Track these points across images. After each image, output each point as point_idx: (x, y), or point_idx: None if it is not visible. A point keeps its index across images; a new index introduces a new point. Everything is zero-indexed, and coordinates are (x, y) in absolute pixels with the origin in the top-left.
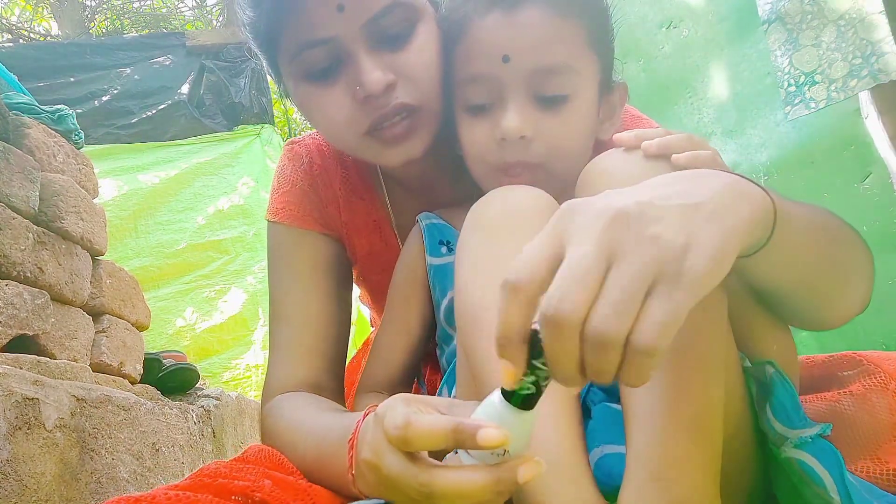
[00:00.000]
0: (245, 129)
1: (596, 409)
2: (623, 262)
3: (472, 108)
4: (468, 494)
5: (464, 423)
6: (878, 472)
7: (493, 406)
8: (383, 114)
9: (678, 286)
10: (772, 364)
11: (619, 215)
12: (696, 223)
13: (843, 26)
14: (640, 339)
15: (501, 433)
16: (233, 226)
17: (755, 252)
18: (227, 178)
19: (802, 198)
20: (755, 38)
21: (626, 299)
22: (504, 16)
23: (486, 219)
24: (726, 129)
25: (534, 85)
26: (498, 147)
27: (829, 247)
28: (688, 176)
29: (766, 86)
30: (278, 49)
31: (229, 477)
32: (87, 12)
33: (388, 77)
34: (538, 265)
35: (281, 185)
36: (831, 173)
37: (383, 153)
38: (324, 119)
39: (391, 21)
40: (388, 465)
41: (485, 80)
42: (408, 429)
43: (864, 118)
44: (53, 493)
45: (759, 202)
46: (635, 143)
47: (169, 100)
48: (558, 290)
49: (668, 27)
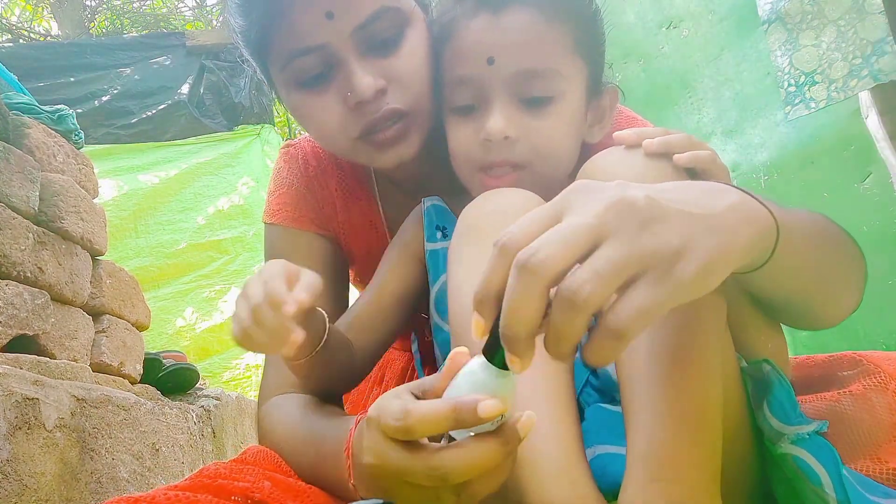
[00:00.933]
0: (245, 129)
1: (589, 410)
2: (616, 241)
3: (459, 109)
4: (480, 464)
5: (461, 400)
6: (878, 471)
7: (474, 375)
8: (374, 119)
9: (663, 283)
10: (768, 362)
11: (626, 201)
12: (696, 232)
13: (843, 26)
14: (614, 319)
15: (500, 401)
16: (233, 226)
17: (753, 271)
18: (227, 178)
19: (802, 198)
20: (755, 38)
21: (608, 272)
22: (490, 19)
23: (476, 221)
24: (726, 129)
25: (518, 87)
26: (482, 148)
27: (826, 257)
28: (702, 187)
29: (766, 86)
30: (269, 57)
31: (229, 478)
32: (87, 12)
33: (379, 83)
34: (531, 228)
35: (277, 186)
36: (831, 173)
37: (376, 156)
38: (316, 125)
39: (380, 27)
40: (394, 461)
41: (470, 82)
42: (408, 417)
43: (864, 118)
44: (53, 493)
45: (763, 225)
46: (636, 140)
47: (169, 100)
48: (539, 242)
49: (668, 27)
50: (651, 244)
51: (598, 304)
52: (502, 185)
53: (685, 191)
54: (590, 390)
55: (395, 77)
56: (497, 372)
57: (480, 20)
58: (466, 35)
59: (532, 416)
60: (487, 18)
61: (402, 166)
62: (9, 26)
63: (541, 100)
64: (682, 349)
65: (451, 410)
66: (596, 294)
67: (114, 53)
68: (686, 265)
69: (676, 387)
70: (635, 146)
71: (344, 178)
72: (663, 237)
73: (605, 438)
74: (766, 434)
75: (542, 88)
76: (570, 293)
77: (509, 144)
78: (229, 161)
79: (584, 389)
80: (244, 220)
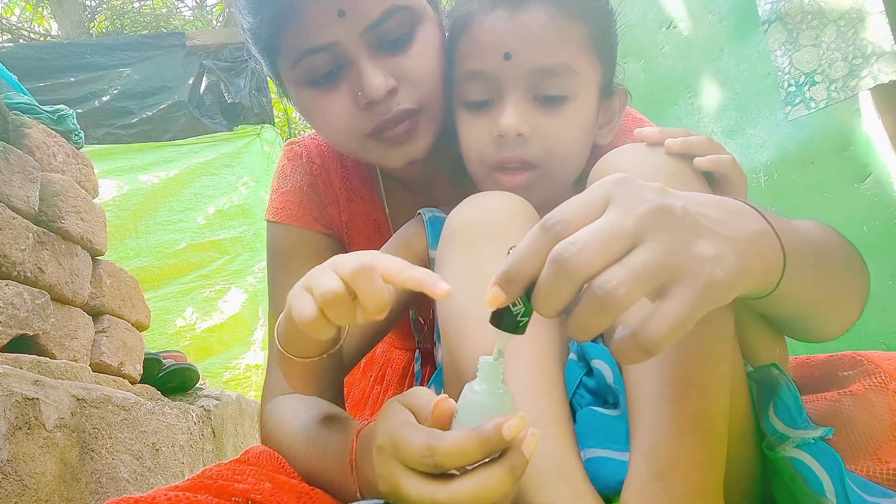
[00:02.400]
0: (245, 129)
1: (581, 413)
2: (653, 244)
3: (471, 104)
4: (495, 492)
5: (484, 429)
6: (879, 471)
7: (478, 402)
8: (385, 119)
9: (693, 295)
10: (776, 366)
11: (666, 209)
12: (724, 252)
13: (843, 26)
14: (648, 334)
15: (521, 417)
16: (233, 226)
17: (758, 298)
18: (227, 178)
19: (802, 198)
20: (755, 38)
21: (643, 274)
22: (508, 13)
23: (462, 226)
24: (726, 129)
25: (533, 84)
26: (495, 144)
27: (831, 278)
28: (732, 207)
29: (766, 86)
30: (279, 55)
31: (230, 479)
32: (87, 12)
33: (390, 82)
34: (575, 215)
35: (281, 185)
36: (831, 173)
37: (386, 155)
38: (326, 124)
39: (391, 26)
40: (412, 493)
41: (485, 77)
42: (435, 454)
43: (864, 118)
44: (53, 493)
45: (774, 259)
46: (659, 139)
47: (169, 100)
48: (582, 237)
49: (668, 27)
50: (685, 254)
51: (628, 306)
52: (515, 182)
53: (718, 208)
54: (583, 392)
55: (406, 76)
56: (496, 391)
57: (498, 15)
58: (483, 29)
59: (536, 434)
60: (505, 13)
61: (411, 165)
62: (9, 26)
63: (555, 98)
64: (690, 353)
65: (479, 443)
66: (629, 296)
67: (114, 53)
68: (714, 279)
69: (682, 387)
70: (656, 144)
71: (348, 177)
72: (697, 249)
73: (596, 442)
74: (767, 437)
75: (557, 87)
76: (604, 293)
77: (522, 142)
78: (229, 161)
79: (577, 391)
80: (244, 220)
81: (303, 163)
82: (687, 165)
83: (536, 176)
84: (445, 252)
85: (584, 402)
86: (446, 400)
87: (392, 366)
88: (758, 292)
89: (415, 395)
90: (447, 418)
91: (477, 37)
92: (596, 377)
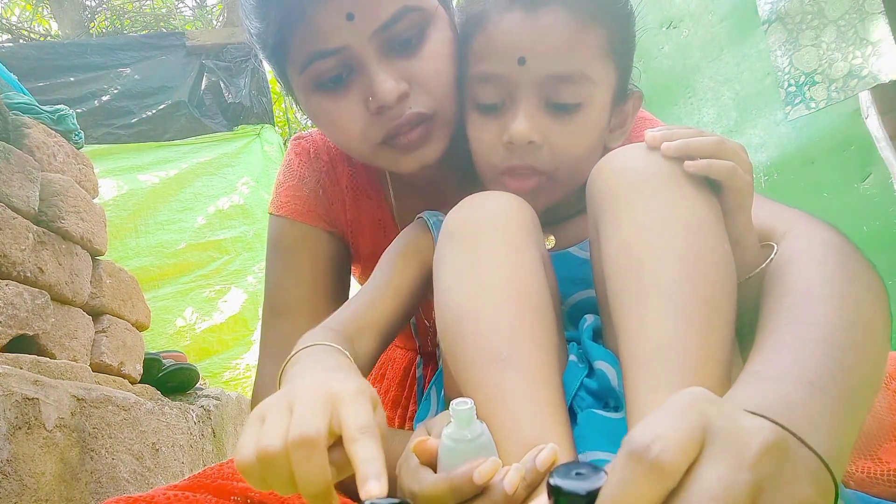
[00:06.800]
0: (245, 129)
1: (582, 416)
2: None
3: (483, 106)
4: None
5: (455, 475)
6: (879, 472)
7: (450, 448)
8: (397, 124)
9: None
10: None
11: (772, 449)
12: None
13: (843, 26)
14: None
15: (493, 461)
16: (233, 226)
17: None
18: (227, 178)
19: (802, 198)
20: (755, 38)
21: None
22: (524, 16)
23: (459, 227)
24: (726, 129)
25: (547, 90)
26: (505, 150)
27: (871, 379)
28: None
29: (766, 86)
30: (287, 60)
31: (229, 478)
32: (87, 12)
33: (402, 87)
34: (679, 448)
35: (287, 179)
36: (831, 173)
37: (399, 161)
38: (337, 129)
39: (402, 28)
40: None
41: (498, 80)
42: (416, 499)
43: (864, 118)
44: (53, 493)
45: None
46: (661, 141)
47: (169, 100)
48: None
49: (668, 27)
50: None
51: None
52: (522, 187)
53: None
54: (584, 394)
55: (418, 79)
56: (467, 437)
57: (514, 16)
58: (498, 30)
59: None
60: (521, 15)
61: (423, 169)
62: (9, 26)
63: (569, 106)
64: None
65: (449, 489)
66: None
67: (114, 53)
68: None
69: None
70: (655, 148)
71: (355, 176)
72: (801, 496)
73: (597, 445)
74: None
75: (571, 94)
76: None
77: (533, 149)
78: (229, 161)
79: (578, 393)
80: (244, 220)
81: (310, 158)
82: (680, 170)
83: (544, 181)
84: (443, 252)
85: (585, 405)
86: (426, 441)
87: (393, 365)
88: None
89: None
90: (431, 458)
91: (491, 37)
92: (598, 379)
